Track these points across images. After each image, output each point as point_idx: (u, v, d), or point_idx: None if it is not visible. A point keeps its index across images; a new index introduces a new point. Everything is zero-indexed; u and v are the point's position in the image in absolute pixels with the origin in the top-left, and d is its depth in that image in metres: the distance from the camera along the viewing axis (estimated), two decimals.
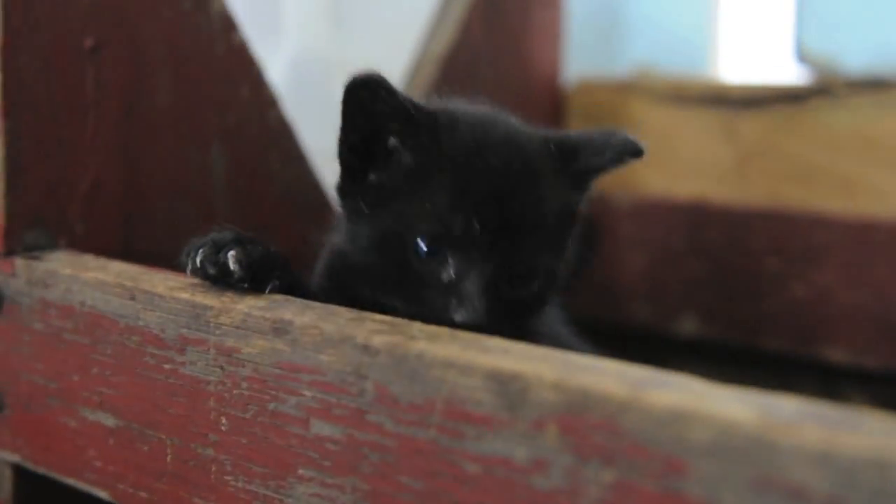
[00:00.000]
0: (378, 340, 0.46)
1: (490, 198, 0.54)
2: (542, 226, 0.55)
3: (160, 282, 0.56)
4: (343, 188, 0.59)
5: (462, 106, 0.61)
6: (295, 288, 0.54)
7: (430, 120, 0.56)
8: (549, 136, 0.60)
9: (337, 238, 0.61)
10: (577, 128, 1.12)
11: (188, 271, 0.55)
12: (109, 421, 0.57)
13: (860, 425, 0.36)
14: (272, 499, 0.50)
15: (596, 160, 0.58)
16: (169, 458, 0.54)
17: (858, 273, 0.89)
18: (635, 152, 0.58)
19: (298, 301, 0.52)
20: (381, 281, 0.56)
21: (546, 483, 0.40)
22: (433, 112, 0.57)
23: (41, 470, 0.62)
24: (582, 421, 0.40)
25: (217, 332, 0.52)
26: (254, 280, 0.53)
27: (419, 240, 0.54)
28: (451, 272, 0.53)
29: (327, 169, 0.87)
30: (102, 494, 0.58)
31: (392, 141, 0.56)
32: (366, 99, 0.55)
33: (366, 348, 0.46)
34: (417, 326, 0.47)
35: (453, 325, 0.50)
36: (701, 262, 0.98)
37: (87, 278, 0.58)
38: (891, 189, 0.93)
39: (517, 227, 0.54)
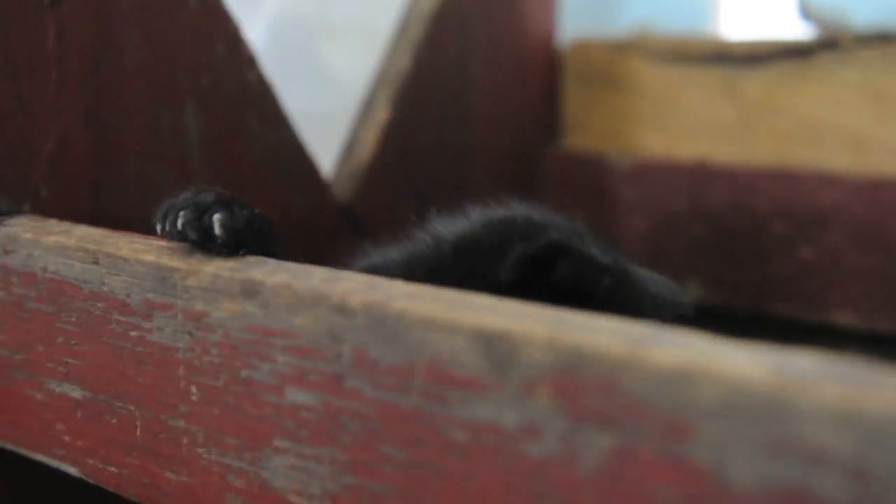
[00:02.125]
0: (355, 300, 0.42)
1: None
2: None
3: (125, 244, 0.52)
4: None
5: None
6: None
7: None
8: None
9: None
10: (572, 90, 1.08)
11: (163, 233, 0.51)
12: (76, 393, 0.54)
13: (884, 382, 0.32)
14: (247, 472, 0.47)
15: None
16: (138, 431, 0.51)
17: (869, 234, 0.86)
18: None
19: (271, 261, 0.48)
20: None
21: (538, 450, 0.37)
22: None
23: (7, 446, 0.59)
24: (576, 382, 0.36)
25: (185, 295, 0.48)
26: (238, 246, 0.50)
27: None
28: None
29: (310, 132, 0.83)
30: (71, 470, 0.55)
31: None
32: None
33: (342, 309, 0.42)
34: (398, 284, 0.43)
35: None
36: (704, 226, 0.94)
37: (48, 242, 0.54)
38: None
39: None
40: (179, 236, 0.50)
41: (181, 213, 0.50)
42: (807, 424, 0.32)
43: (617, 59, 1.06)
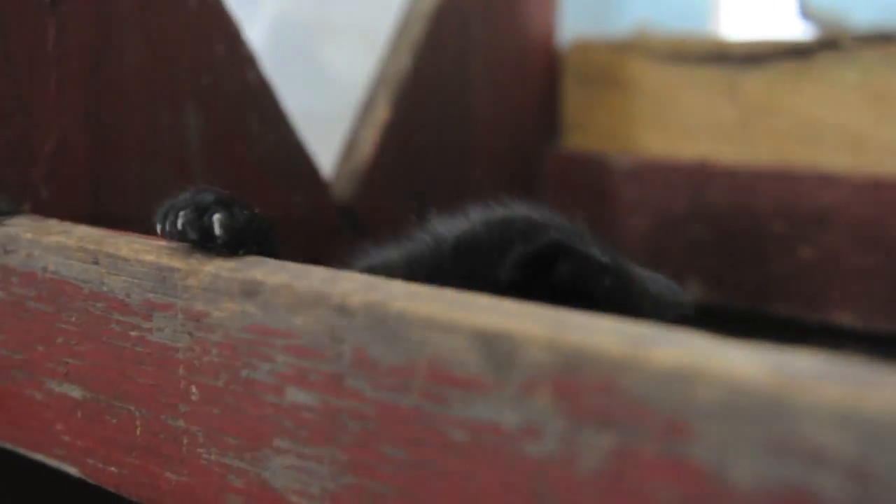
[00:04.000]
0: (355, 300, 0.42)
1: None
2: None
3: (125, 244, 0.52)
4: None
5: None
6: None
7: None
8: None
9: None
10: (573, 90, 1.08)
11: (163, 233, 0.51)
12: (76, 392, 0.54)
13: (884, 382, 0.32)
14: (247, 472, 0.47)
15: None
16: (138, 431, 0.51)
17: (869, 234, 0.86)
18: None
19: (271, 261, 0.48)
20: None
21: (538, 450, 0.37)
22: None
23: (7, 445, 0.59)
24: (576, 382, 0.36)
25: (185, 295, 0.48)
26: (238, 246, 0.50)
27: None
28: None
29: (309, 132, 0.83)
30: (72, 471, 0.55)
31: None
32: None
33: (342, 309, 0.42)
34: (397, 284, 0.43)
35: None
36: (704, 226, 0.94)
37: (48, 242, 0.55)
38: None
39: None
40: (180, 236, 0.50)
41: (181, 213, 0.50)
42: (806, 424, 0.32)
43: (617, 59, 1.06)
